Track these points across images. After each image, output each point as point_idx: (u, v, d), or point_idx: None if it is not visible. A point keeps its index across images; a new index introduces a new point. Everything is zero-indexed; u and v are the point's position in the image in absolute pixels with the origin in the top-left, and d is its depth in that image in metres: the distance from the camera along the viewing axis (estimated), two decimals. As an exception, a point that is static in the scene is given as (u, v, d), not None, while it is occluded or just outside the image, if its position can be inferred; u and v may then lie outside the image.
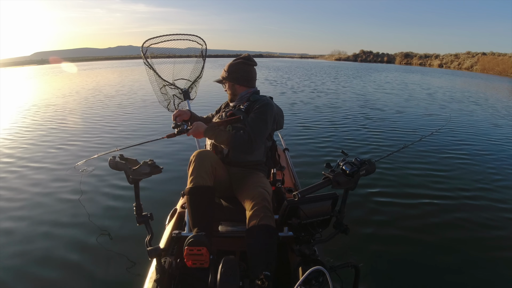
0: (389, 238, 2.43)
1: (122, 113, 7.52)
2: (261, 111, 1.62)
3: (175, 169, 3.71)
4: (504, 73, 29.85)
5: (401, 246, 2.34)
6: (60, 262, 2.14)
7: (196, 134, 1.61)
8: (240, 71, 1.76)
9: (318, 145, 4.76)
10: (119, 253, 2.23)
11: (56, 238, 2.42)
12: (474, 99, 10.29)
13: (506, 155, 4.48)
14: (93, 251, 2.26)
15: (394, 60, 55.15)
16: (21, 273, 2.04)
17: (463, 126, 6.16)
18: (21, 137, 5.40)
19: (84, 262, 2.14)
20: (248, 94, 1.76)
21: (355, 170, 1.14)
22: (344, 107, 8.12)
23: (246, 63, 1.78)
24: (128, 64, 42.83)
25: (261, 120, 1.61)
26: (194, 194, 1.47)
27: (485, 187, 3.34)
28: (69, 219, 2.71)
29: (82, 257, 2.19)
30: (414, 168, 3.81)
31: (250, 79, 1.78)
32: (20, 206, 2.96)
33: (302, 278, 1.01)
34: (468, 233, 2.50)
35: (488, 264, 2.14)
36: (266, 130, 1.63)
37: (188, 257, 1.22)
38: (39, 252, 2.25)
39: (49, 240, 2.40)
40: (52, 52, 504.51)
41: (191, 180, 1.50)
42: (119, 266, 2.09)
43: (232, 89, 1.79)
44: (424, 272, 2.06)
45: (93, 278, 2.00)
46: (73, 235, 2.46)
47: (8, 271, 2.06)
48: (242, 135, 1.55)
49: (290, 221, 1.15)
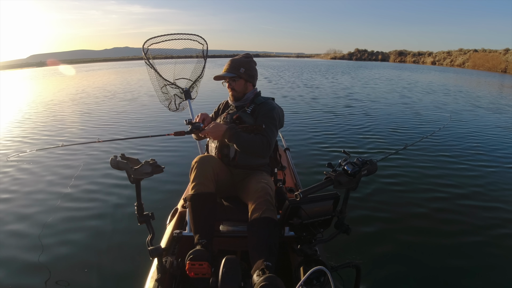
0: (391, 238, 2.43)
1: (122, 113, 7.52)
2: (272, 116, 1.62)
3: (177, 168, 3.71)
4: (494, 69, 30.92)
5: (403, 246, 2.34)
6: (61, 262, 2.14)
7: (214, 133, 1.50)
8: (253, 70, 1.73)
9: (319, 145, 4.76)
10: (120, 252, 2.23)
11: (56, 237, 2.42)
12: (473, 98, 10.25)
13: (508, 152, 4.47)
14: (94, 251, 2.26)
15: (388, 58, 55.77)
16: (23, 275, 2.05)
17: (464, 125, 6.15)
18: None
19: (85, 262, 2.14)
20: (252, 95, 1.74)
21: (356, 170, 1.14)
22: (345, 107, 8.11)
23: (254, 62, 1.77)
24: (126, 65, 42.97)
25: (274, 125, 1.61)
26: (196, 200, 1.46)
27: (487, 186, 3.33)
28: (72, 218, 2.71)
29: (83, 257, 2.19)
30: (416, 167, 3.80)
31: (257, 78, 1.79)
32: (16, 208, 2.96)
33: (304, 278, 1.01)
34: (470, 233, 2.49)
35: (489, 264, 2.14)
36: (277, 133, 1.65)
37: (190, 270, 1.24)
38: (41, 251, 2.25)
39: (51, 238, 2.40)
40: (48, 55, 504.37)
41: (193, 187, 1.49)
42: (120, 266, 2.09)
43: (243, 88, 1.71)
44: (425, 272, 2.06)
45: (95, 277, 2.00)
46: (73, 235, 2.46)
47: (9, 271, 2.07)
48: (262, 139, 1.53)
49: (291, 221, 1.15)
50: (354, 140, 5.07)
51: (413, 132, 5.62)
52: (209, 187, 1.49)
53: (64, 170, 3.84)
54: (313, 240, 1.20)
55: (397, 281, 2.00)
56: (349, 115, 7.03)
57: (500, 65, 30.63)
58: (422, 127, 6.06)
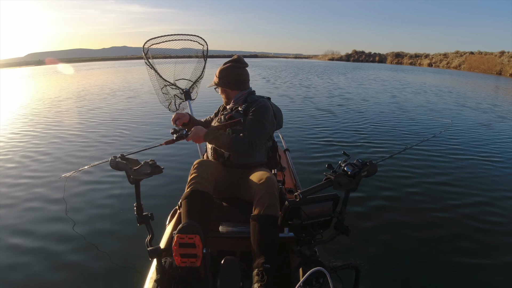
0: (390, 239, 2.43)
1: (121, 116, 7.52)
2: (258, 113, 1.62)
3: (176, 169, 3.71)
4: (489, 71, 31.27)
5: (402, 248, 2.34)
6: (60, 263, 2.14)
7: (195, 139, 1.58)
8: (231, 75, 1.74)
9: (319, 146, 4.76)
10: (120, 253, 2.22)
11: (55, 239, 2.42)
12: (473, 100, 10.27)
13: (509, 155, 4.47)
14: (93, 252, 2.25)
15: (385, 59, 55.90)
16: (21, 274, 2.04)
17: (465, 128, 6.15)
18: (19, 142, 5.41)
19: (85, 262, 2.14)
20: (243, 96, 1.75)
21: (356, 171, 1.14)
22: (346, 108, 8.12)
23: (236, 66, 1.76)
24: (125, 64, 42.93)
25: (259, 122, 1.60)
26: (191, 197, 1.44)
27: (486, 188, 3.33)
28: (68, 220, 2.70)
29: (82, 258, 2.19)
30: (416, 169, 3.80)
31: (241, 82, 1.76)
32: (16, 209, 2.96)
33: (303, 279, 1.01)
34: (469, 235, 2.50)
35: (489, 265, 2.14)
36: (265, 131, 1.63)
37: (177, 251, 1.10)
38: (39, 253, 2.24)
39: (48, 241, 2.40)
40: (46, 53, 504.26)
41: (188, 186, 1.48)
42: (119, 267, 2.08)
43: (226, 94, 1.79)
44: (425, 273, 2.06)
45: (94, 278, 2.00)
46: (73, 236, 2.45)
47: (8, 271, 2.06)
48: (242, 138, 1.54)
49: (291, 221, 1.15)
50: (354, 141, 5.07)
51: (413, 134, 5.62)
52: (205, 186, 1.48)
53: (64, 170, 3.84)
54: (313, 241, 1.20)
55: (397, 282, 2.00)
56: (349, 116, 7.03)
57: (495, 67, 30.92)
58: (423, 129, 6.06)
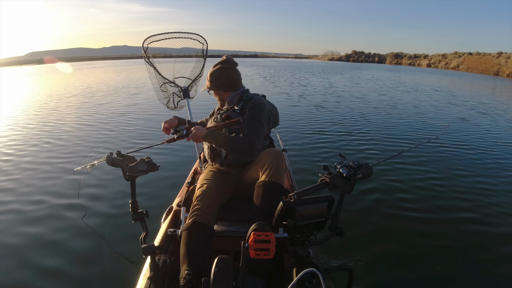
0: (384, 242, 2.44)
1: (122, 115, 7.50)
2: (255, 112, 1.62)
3: (173, 167, 3.70)
4: (486, 72, 31.64)
5: (396, 250, 2.34)
6: (54, 260, 2.13)
7: (196, 139, 1.58)
8: (221, 78, 1.74)
9: (316, 147, 4.76)
10: (114, 250, 2.21)
11: (49, 237, 2.41)
12: (470, 102, 10.30)
13: (506, 158, 4.50)
14: (87, 249, 2.25)
15: (384, 60, 56.25)
16: (16, 271, 2.04)
17: (462, 132, 6.16)
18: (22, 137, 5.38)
19: (78, 259, 2.13)
20: (237, 96, 1.76)
21: (351, 173, 1.14)
22: (344, 110, 8.13)
23: (226, 68, 1.76)
24: (126, 63, 42.82)
25: (257, 121, 1.61)
26: (191, 228, 1.38)
27: (484, 191, 3.33)
28: (62, 218, 2.70)
29: (75, 255, 2.18)
30: (412, 172, 3.81)
31: (233, 82, 1.76)
32: (15, 205, 2.94)
33: (295, 279, 1.01)
34: (464, 238, 2.51)
35: (484, 267, 2.15)
36: (263, 130, 1.64)
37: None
38: (33, 250, 2.24)
39: (42, 238, 2.39)
40: (47, 52, 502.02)
41: (190, 217, 1.43)
42: (113, 264, 2.08)
43: (219, 96, 1.80)
44: (418, 275, 2.06)
45: (87, 275, 1.99)
46: (67, 233, 2.44)
47: (5, 269, 2.06)
48: (242, 138, 1.54)
49: (285, 222, 1.15)
50: (351, 143, 5.08)
51: (410, 137, 5.64)
52: (206, 219, 1.42)
53: (64, 168, 3.82)
54: (307, 242, 1.20)
55: (390, 284, 2.01)
56: (347, 118, 7.04)
57: (493, 68, 31.28)
58: (420, 131, 6.07)
